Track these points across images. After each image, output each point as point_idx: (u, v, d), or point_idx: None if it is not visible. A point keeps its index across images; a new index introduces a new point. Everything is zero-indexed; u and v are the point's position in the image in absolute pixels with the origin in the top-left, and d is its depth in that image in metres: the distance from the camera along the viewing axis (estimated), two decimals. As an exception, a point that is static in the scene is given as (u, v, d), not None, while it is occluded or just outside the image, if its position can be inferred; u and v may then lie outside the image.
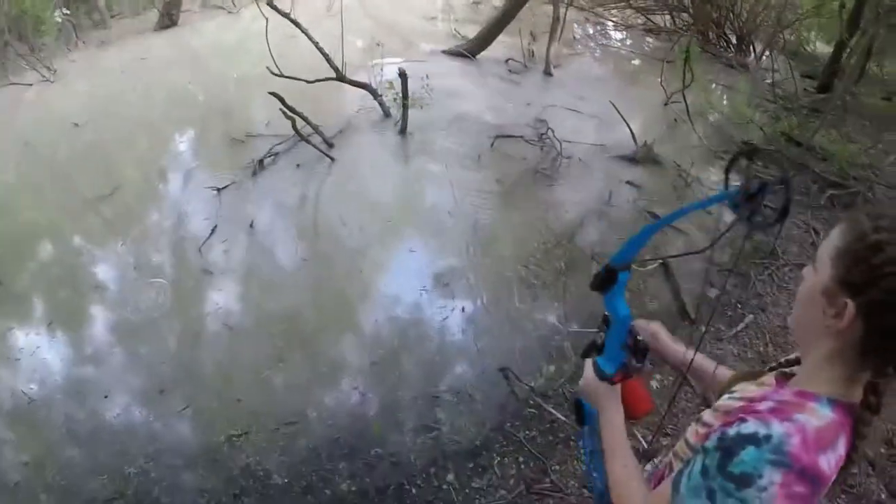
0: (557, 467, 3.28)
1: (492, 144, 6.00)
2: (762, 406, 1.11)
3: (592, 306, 4.08)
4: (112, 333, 4.40)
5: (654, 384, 3.57)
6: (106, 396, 3.90)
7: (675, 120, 6.75)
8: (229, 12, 11.02)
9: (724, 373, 1.57)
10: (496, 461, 3.32)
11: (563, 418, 3.47)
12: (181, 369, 4.04)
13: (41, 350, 4.28)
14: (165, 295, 4.66)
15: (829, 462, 1.04)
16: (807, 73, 9.04)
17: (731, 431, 1.08)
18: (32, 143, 6.77)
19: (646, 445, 1.63)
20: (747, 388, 1.29)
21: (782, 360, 1.39)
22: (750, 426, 1.06)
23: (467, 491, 3.18)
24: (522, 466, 3.29)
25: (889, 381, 1.11)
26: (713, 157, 6.19)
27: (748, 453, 1.04)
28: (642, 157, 5.82)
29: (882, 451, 3.31)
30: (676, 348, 1.64)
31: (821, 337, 1.13)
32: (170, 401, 3.83)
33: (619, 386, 1.49)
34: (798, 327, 1.21)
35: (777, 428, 1.02)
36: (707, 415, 1.31)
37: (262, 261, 4.92)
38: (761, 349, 4.04)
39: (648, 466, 1.58)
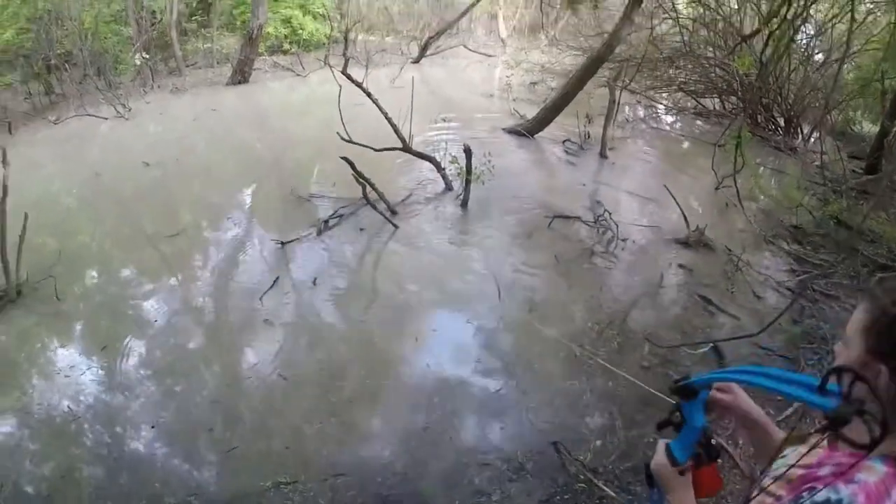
0: None
1: (549, 224, 6.20)
2: (823, 472, 1.23)
3: (643, 389, 4.10)
4: (163, 367, 4.50)
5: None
6: (153, 426, 3.96)
7: (727, 204, 6.89)
8: (298, 75, 11.57)
9: (779, 434, 1.66)
10: None
11: (612, 494, 3.47)
12: (232, 411, 4.09)
13: (91, 371, 4.43)
14: (219, 337, 4.81)
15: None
16: (854, 153, 9.12)
17: (806, 501, 1.19)
18: (102, 175, 7.14)
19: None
20: (800, 452, 1.35)
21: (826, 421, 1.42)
22: (822, 494, 1.17)
23: None
24: None
25: None
26: (763, 241, 6.28)
27: None
28: (694, 241, 5.96)
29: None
30: (753, 407, 1.67)
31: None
32: (218, 440, 3.87)
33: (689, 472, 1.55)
34: None
35: (844, 490, 1.13)
36: (771, 483, 1.37)
37: (320, 317, 5.05)
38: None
39: None
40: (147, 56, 11.62)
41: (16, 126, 9.28)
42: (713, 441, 1.52)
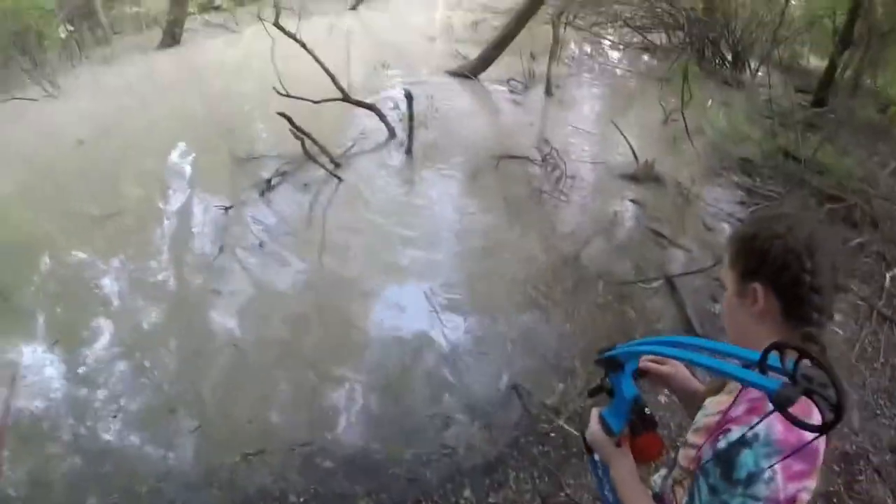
0: (572, 481, 3.29)
1: (496, 165, 6.08)
2: (737, 411, 1.21)
3: (600, 327, 4.17)
4: (119, 352, 4.35)
5: (661, 398, 3.59)
6: (115, 416, 3.86)
7: (675, 138, 6.84)
8: (232, 31, 11.13)
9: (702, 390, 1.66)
10: (511, 476, 3.33)
11: (575, 433, 3.48)
12: (191, 388, 4.03)
13: (47, 368, 4.25)
14: (173, 313, 4.66)
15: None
16: (801, 87, 9.19)
17: (721, 444, 1.18)
18: (35, 158, 6.77)
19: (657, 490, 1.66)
20: (719, 401, 1.35)
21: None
22: (735, 433, 1.16)
23: None
24: (537, 481, 3.31)
25: (821, 330, 1.26)
26: (713, 174, 6.27)
27: (744, 456, 1.14)
28: (644, 175, 5.92)
29: (888, 458, 3.39)
30: (690, 385, 1.68)
31: (753, 328, 1.26)
32: (181, 420, 3.82)
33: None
34: (735, 334, 1.32)
35: (759, 425, 1.10)
36: (691, 436, 1.38)
37: (269, 280, 4.92)
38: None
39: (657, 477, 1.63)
40: (72, 28, 10.94)
41: None
42: (647, 410, 1.47)
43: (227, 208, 5.61)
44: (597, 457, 1.63)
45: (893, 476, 3.30)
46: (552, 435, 3.55)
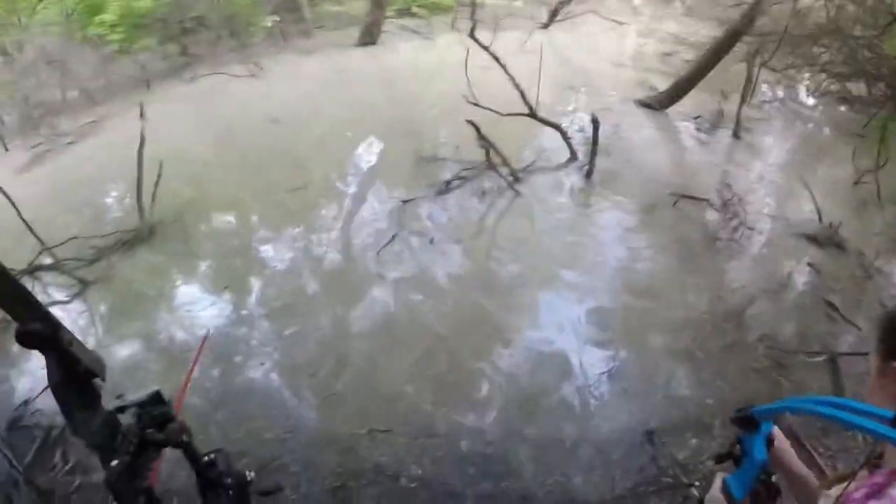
0: None
1: (674, 203, 6.04)
2: (857, 494, 1.17)
3: (751, 391, 4.06)
4: (279, 308, 4.80)
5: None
6: (262, 363, 4.28)
7: (865, 202, 6.44)
8: (426, 38, 11.61)
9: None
10: None
11: (697, 495, 3.41)
12: (337, 358, 4.33)
13: (212, 308, 4.81)
14: (336, 286, 5.02)
15: None
16: None
17: None
18: (233, 129, 7.51)
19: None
20: (841, 487, 1.31)
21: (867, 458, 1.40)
22: None
23: None
24: None
25: None
26: (901, 247, 5.88)
27: None
28: (825, 238, 5.64)
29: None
30: (794, 464, 1.63)
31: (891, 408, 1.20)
32: (320, 384, 4.12)
33: None
34: None
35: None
36: None
37: (434, 277, 5.16)
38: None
39: None
40: (278, 18, 11.98)
41: (153, 84, 9.93)
42: (773, 478, 1.46)
43: (404, 201, 5.99)
44: None
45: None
46: (675, 489, 3.50)
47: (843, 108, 9.44)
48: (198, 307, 4.85)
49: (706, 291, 5.02)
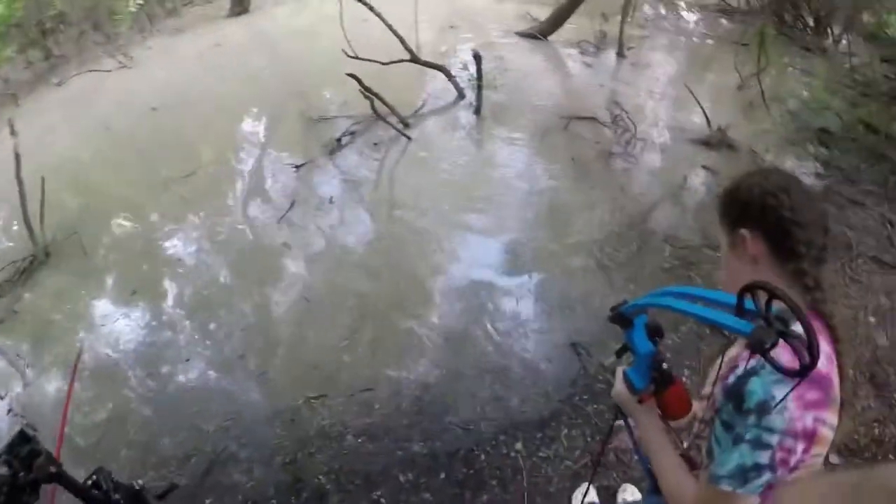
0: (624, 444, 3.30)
1: (566, 126, 6.02)
2: (742, 351, 1.24)
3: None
4: (192, 302, 4.64)
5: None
6: (187, 360, 4.14)
7: (750, 104, 6.59)
8: (299, -1, 11.18)
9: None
10: (564, 433, 3.38)
11: None
12: (260, 337, 4.23)
13: (126, 317, 4.57)
14: (245, 266, 4.86)
15: (822, 361, 1.10)
16: (887, 57, 8.69)
17: (730, 380, 1.21)
18: (112, 127, 7.07)
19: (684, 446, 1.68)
20: (728, 354, 1.39)
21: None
22: (741, 368, 1.19)
23: (534, 459, 3.26)
24: (589, 439, 3.34)
25: (818, 267, 1.30)
26: (789, 143, 6.00)
27: (753, 384, 1.15)
28: (716, 141, 5.73)
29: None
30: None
31: (748, 277, 1.21)
32: (249, 365, 4.03)
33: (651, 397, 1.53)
34: (732, 285, 1.26)
35: (766, 357, 1.08)
36: (707, 388, 1.44)
37: (338, 236, 5.06)
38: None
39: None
40: (141, 1, 11.20)
41: (21, 96, 9.17)
42: (665, 365, 1.48)
43: (297, 166, 5.80)
44: (625, 420, 1.69)
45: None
46: (608, 395, 3.53)
47: (723, 21, 9.62)
48: (111, 320, 4.59)
49: (608, 204, 5.04)
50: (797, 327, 1.02)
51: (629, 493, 3.03)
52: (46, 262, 5.16)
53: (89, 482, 1.21)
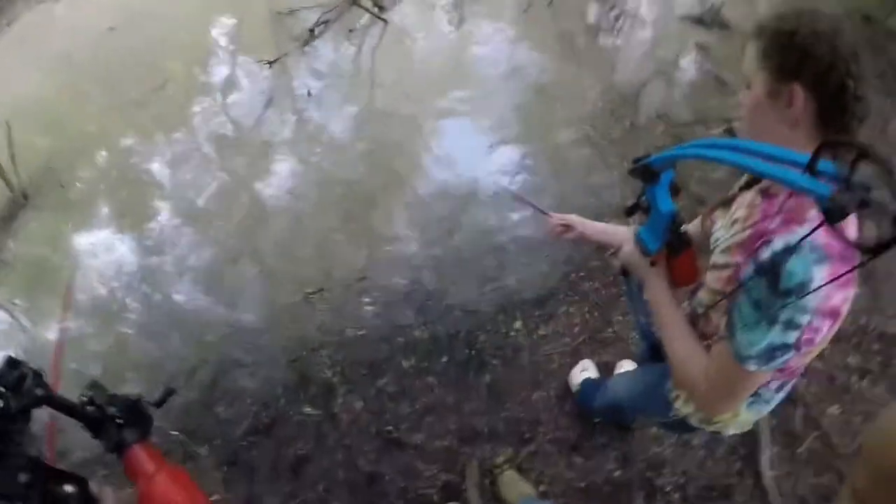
0: (620, 318, 3.31)
1: (549, 2, 5.71)
2: (774, 223, 1.13)
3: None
4: (180, 221, 4.52)
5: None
6: (181, 275, 4.09)
7: None
8: None
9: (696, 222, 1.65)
10: (562, 310, 3.39)
11: (616, 263, 3.50)
12: (251, 240, 4.19)
13: (120, 243, 4.46)
14: (228, 173, 4.76)
15: (851, 234, 1.10)
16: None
17: (764, 255, 1.10)
18: (71, 55, 6.66)
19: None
20: (738, 215, 1.29)
21: (745, 180, 1.40)
22: (778, 242, 1.09)
23: (534, 337, 3.30)
24: (587, 316, 3.36)
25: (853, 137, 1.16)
26: (783, 24, 5.83)
27: (792, 264, 1.05)
28: (710, 20, 5.48)
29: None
30: (603, 230, 1.86)
31: (782, 133, 1.16)
32: (243, 269, 4.02)
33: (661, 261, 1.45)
34: (757, 139, 1.19)
35: (801, 231, 1.04)
36: (718, 257, 1.31)
37: (320, 125, 4.96)
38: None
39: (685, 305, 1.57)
40: None
41: None
42: (682, 228, 1.36)
43: (270, 63, 5.53)
44: (629, 283, 1.65)
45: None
46: (604, 272, 3.53)
47: None
48: (103, 249, 4.47)
49: (598, 82, 4.87)
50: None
51: (627, 369, 3.04)
52: (26, 204, 4.96)
53: (84, 399, 1.15)
